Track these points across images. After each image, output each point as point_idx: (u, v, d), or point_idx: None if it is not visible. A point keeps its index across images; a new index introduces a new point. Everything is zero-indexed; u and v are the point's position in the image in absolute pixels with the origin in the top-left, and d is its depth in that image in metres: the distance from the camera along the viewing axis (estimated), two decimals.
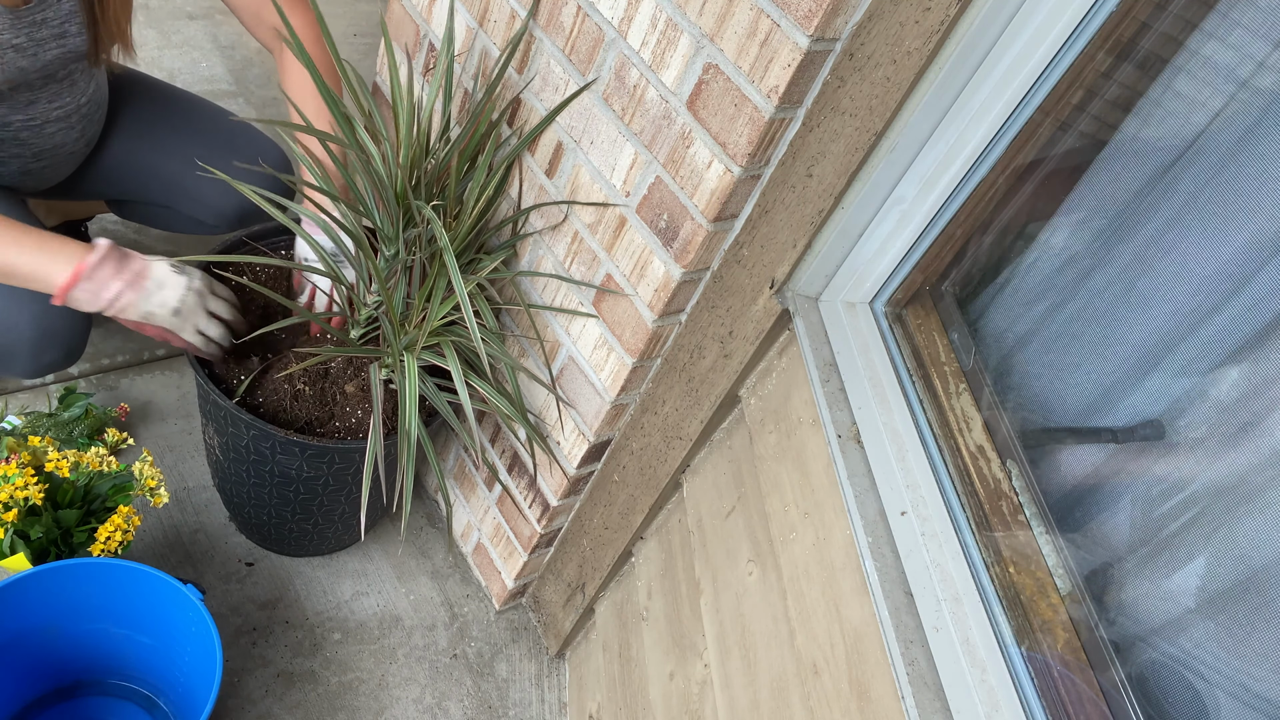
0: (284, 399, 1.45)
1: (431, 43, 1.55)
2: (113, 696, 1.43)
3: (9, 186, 1.53)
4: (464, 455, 1.81)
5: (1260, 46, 0.93)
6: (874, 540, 0.99)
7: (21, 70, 1.31)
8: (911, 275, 1.22)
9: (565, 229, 1.38)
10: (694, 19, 1.10)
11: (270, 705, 1.56)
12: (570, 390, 1.48)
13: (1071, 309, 1.12)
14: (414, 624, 1.75)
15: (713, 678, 1.27)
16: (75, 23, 1.34)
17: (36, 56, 1.32)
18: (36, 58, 1.32)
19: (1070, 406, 1.10)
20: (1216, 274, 0.96)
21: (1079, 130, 1.11)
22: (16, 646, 1.29)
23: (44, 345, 1.43)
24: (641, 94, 1.20)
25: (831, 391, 1.13)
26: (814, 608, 1.08)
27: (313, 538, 1.67)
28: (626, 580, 1.60)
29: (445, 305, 1.34)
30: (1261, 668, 0.82)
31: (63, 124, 1.45)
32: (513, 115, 1.41)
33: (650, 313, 1.29)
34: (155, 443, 1.80)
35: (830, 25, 1.00)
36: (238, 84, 2.57)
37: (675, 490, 1.47)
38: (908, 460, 1.08)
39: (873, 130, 1.04)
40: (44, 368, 1.47)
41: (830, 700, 1.01)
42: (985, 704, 0.87)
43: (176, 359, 1.95)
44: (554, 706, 1.74)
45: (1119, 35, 1.01)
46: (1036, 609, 0.96)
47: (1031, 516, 1.04)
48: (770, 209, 1.17)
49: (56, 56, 1.35)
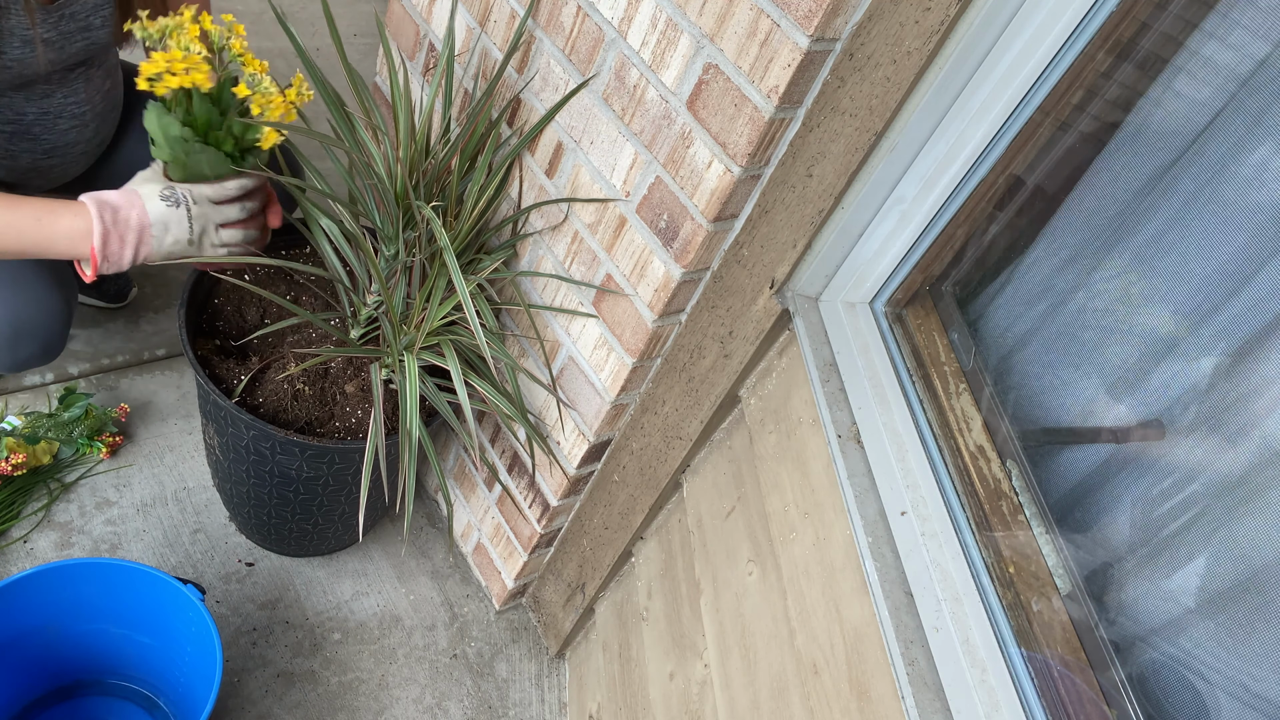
0: (284, 399, 1.45)
1: (431, 43, 1.55)
2: (113, 696, 1.43)
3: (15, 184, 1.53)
4: (464, 455, 1.81)
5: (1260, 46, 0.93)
6: (874, 540, 0.99)
7: (50, 63, 1.32)
8: (911, 275, 1.22)
9: (565, 229, 1.38)
10: (694, 19, 1.10)
11: (270, 705, 1.56)
12: (570, 390, 1.48)
13: (1071, 309, 1.12)
14: (414, 624, 1.75)
15: (713, 678, 1.27)
16: (100, 15, 1.34)
17: (63, 49, 1.32)
18: (63, 50, 1.32)
19: (1070, 406, 1.10)
20: (1216, 274, 0.96)
21: (1079, 130, 1.11)
22: (16, 646, 1.29)
23: (19, 340, 1.42)
24: (641, 94, 1.20)
25: (831, 391, 1.13)
26: (814, 608, 1.08)
27: (313, 538, 1.67)
28: (626, 580, 1.60)
29: (446, 305, 1.34)
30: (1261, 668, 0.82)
31: (76, 120, 1.45)
32: (512, 115, 1.41)
33: (650, 313, 1.29)
34: (155, 443, 1.80)
35: (830, 25, 1.00)
36: None
37: (675, 490, 1.47)
38: (908, 460, 1.08)
39: (873, 130, 1.04)
40: (21, 363, 1.46)
41: (830, 700, 1.01)
42: (985, 704, 0.87)
43: (177, 359, 1.95)
44: (554, 706, 1.74)
45: (1119, 35, 1.01)
46: (1036, 609, 0.96)
47: (1031, 516, 1.04)
48: (770, 209, 1.17)
49: (81, 48, 1.35)
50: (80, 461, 1.72)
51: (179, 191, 1.25)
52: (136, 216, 1.23)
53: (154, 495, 1.73)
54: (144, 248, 1.24)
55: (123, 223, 1.22)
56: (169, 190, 1.25)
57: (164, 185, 1.25)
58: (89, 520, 1.66)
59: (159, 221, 1.24)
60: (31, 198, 1.23)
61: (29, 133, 1.41)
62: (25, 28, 1.25)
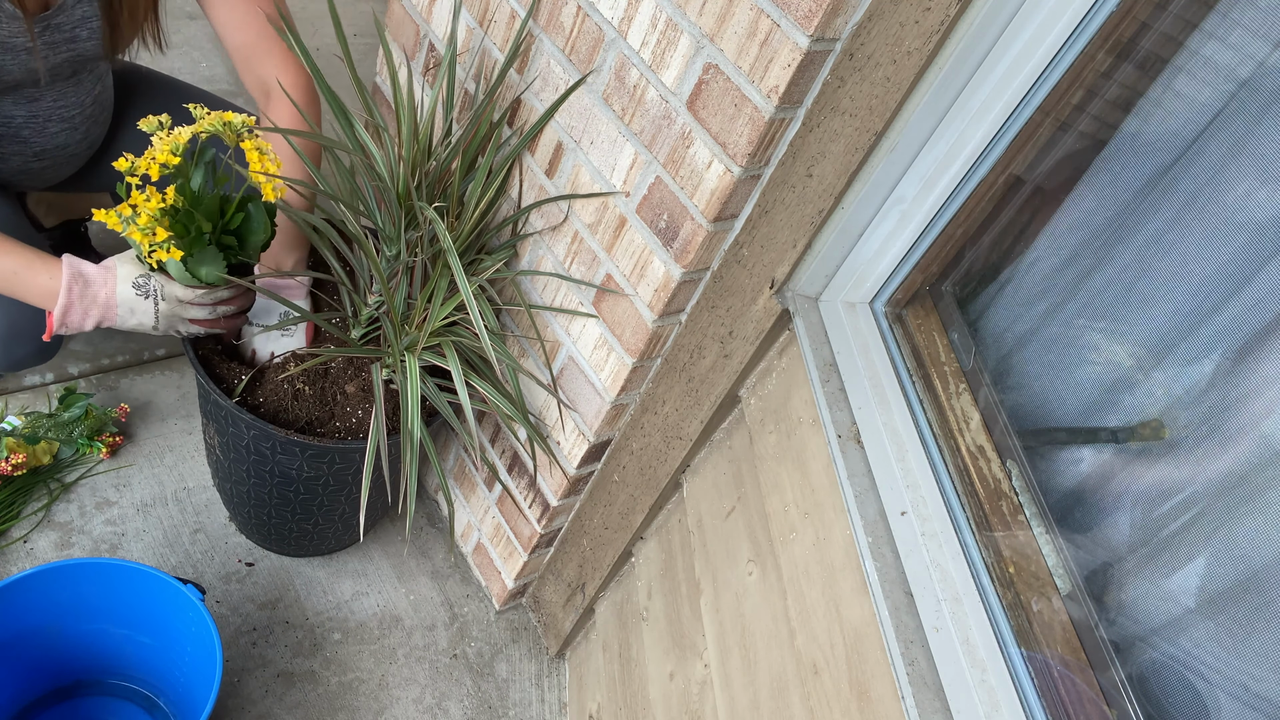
0: (284, 399, 1.45)
1: (431, 43, 1.55)
2: (113, 696, 1.43)
3: (6, 184, 1.53)
4: (464, 455, 1.81)
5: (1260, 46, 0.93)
6: (874, 540, 0.99)
7: (31, 71, 1.32)
8: (911, 275, 1.22)
9: (565, 229, 1.38)
10: (694, 19, 1.10)
11: (270, 705, 1.56)
12: (570, 390, 1.48)
13: (1071, 309, 1.12)
14: (414, 624, 1.75)
15: (713, 678, 1.27)
16: (87, 28, 1.34)
17: (47, 59, 1.33)
18: (46, 60, 1.33)
19: (1070, 406, 1.10)
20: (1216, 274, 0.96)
21: (1079, 130, 1.11)
22: (16, 646, 1.29)
23: (14, 340, 1.43)
24: (641, 94, 1.20)
25: (831, 391, 1.13)
26: (814, 608, 1.08)
27: (313, 538, 1.67)
28: (626, 580, 1.60)
29: (448, 306, 1.34)
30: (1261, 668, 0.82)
31: (66, 124, 1.46)
32: (513, 116, 1.41)
33: (650, 313, 1.29)
34: (155, 443, 1.80)
35: (830, 25, 1.00)
36: (237, 84, 2.57)
37: (675, 490, 1.47)
38: (908, 460, 1.08)
39: (873, 130, 1.04)
40: (16, 362, 1.47)
41: (830, 700, 1.01)
42: (985, 704, 0.87)
43: (177, 359, 1.95)
44: (554, 706, 1.74)
45: (1119, 35, 1.01)
46: (1036, 609, 0.96)
47: (1031, 516, 1.04)
48: (770, 209, 1.17)
49: (66, 59, 1.35)
50: (80, 461, 1.72)
51: (152, 284, 1.28)
52: (105, 295, 1.27)
53: (154, 495, 1.73)
54: (106, 322, 1.29)
55: (89, 298, 1.26)
56: (143, 279, 1.27)
57: (140, 273, 1.27)
58: (89, 520, 1.66)
59: (124, 304, 1.28)
60: (19, 248, 1.26)
61: (18, 136, 1.42)
62: (8, 35, 1.25)
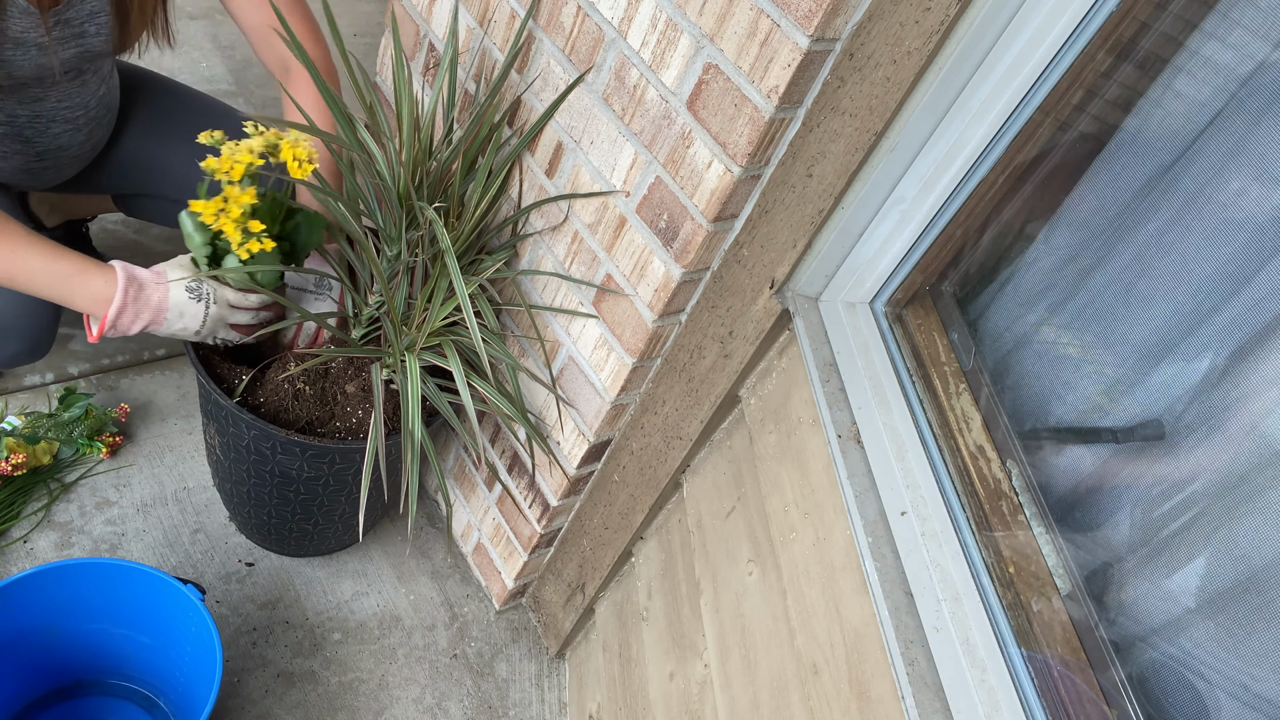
0: (285, 399, 1.45)
1: (431, 43, 1.55)
2: (113, 696, 1.43)
3: (8, 184, 1.53)
4: (464, 455, 1.81)
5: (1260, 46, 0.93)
6: (874, 540, 0.99)
7: (41, 68, 1.32)
8: (911, 275, 1.22)
9: (565, 229, 1.38)
10: (694, 19, 1.10)
11: (270, 705, 1.56)
12: (570, 390, 1.48)
13: (1071, 309, 1.12)
14: (414, 624, 1.75)
15: (713, 678, 1.27)
16: (96, 22, 1.34)
17: (56, 55, 1.33)
18: (56, 55, 1.33)
19: (1070, 406, 1.10)
20: (1216, 274, 0.96)
21: (1079, 130, 1.11)
22: (16, 646, 1.29)
23: (4, 337, 1.44)
24: (641, 94, 1.20)
25: (831, 391, 1.13)
26: (814, 608, 1.08)
27: (313, 538, 1.67)
28: (626, 580, 1.60)
29: (447, 306, 1.34)
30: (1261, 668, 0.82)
31: (69, 125, 1.45)
32: (513, 116, 1.42)
33: (650, 313, 1.29)
34: (155, 443, 1.80)
35: (830, 25, 1.00)
36: (238, 84, 2.57)
37: (675, 490, 1.47)
38: (908, 460, 1.08)
39: (873, 130, 1.04)
40: (8, 359, 1.48)
41: (830, 700, 1.01)
42: (985, 704, 0.87)
43: (177, 359, 1.95)
44: (554, 706, 1.74)
45: (1119, 35, 1.01)
46: (1036, 609, 0.96)
47: (1031, 516, 1.04)
48: (770, 209, 1.17)
49: (74, 55, 1.35)
50: (80, 461, 1.72)
51: (205, 288, 1.31)
52: (158, 299, 1.29)
53: (154, 495, 1.73)
54: (153, 326, 1.30)
55: (143, 301, 1.28)
56: (196, 283, 1.31)
57: (192, 276, 1.31)
58: (89, 520, 1.66)
59: (176, 308, 1.30)
60: (72, 253, 1.27)
61: (21, 135, 1.42)
62: (18, 30, 1.25)
